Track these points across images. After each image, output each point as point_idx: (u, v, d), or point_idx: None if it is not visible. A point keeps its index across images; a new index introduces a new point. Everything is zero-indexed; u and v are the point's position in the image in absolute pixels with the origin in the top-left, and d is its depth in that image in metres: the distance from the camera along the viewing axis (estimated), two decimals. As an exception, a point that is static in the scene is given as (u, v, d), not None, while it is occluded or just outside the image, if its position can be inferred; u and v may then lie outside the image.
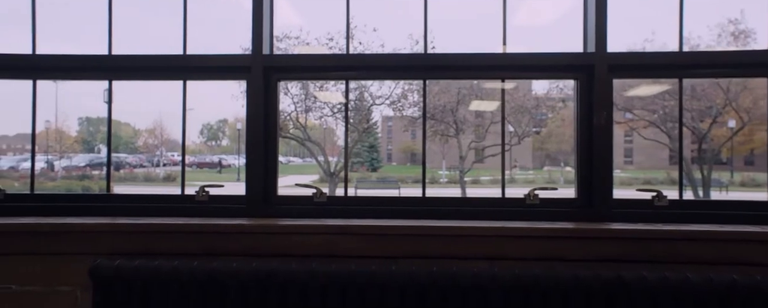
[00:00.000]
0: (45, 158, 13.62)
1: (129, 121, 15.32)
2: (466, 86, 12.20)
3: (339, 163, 10.89)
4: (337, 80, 2.05)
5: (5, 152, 6.68)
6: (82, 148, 15.36)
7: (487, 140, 13.38)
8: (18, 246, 1.81)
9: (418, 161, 18.76)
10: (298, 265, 1.67)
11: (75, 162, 14.52)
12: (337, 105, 10.48)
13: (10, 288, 1.83)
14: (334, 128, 14.06)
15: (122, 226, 1.80)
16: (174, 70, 1.99)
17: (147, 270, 1.67)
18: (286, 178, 3.09)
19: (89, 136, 16.73)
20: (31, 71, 2.01)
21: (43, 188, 9.33)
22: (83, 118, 15.81)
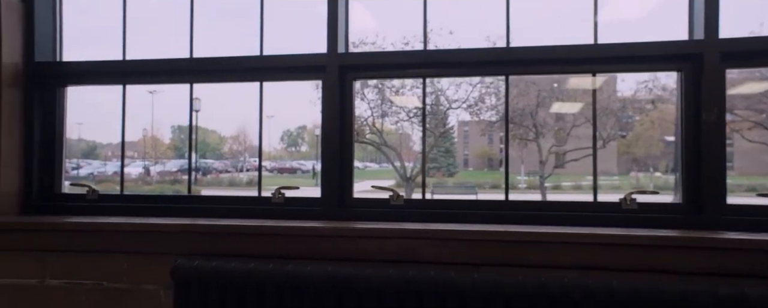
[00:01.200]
0: (142, 164, 14.69)
1: (215, 128, 16.13)
2: (545, 88, 11.75)
3: (415, 168, 10.81)
4: (415, 78, 1.98)
5: (111, 158, 7.21)
6: (174, 154, 16.27)
7: (568, 144, 12.81)
8: (109, 244, 1.87)
9: (495, 166, 18.31)
10: (374, 270, 1.60)
11: (168, 167, 15.54)
12: (412, 109, 10.43)
13: (102, 284, 1.89)
14: (409, 133, 14.02)
15: (200, 227, 1.81)
16: (251, 71, 1.99)
17: (224, 272, 1.66)
18: (363, 183, 3.15)
19: (181, 143, 17.62)
20: (121, 77, 2.09)
21: (140, 191, 9.96)
22: (175, 126, 16.50)
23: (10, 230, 1.93)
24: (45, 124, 2.10)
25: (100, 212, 2.03)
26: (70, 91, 2.13)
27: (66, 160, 2.32)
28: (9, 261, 1.93)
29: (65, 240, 1.89)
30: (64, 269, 1.91)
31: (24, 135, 2.06)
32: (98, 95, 1.98)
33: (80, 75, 2.10)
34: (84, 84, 2.13)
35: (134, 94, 2.19)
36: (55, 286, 1.91)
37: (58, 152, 2.12)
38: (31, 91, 2.06)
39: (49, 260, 1.92)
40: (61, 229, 1.89)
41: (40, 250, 1.91)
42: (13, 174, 2.03)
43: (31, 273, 1.92)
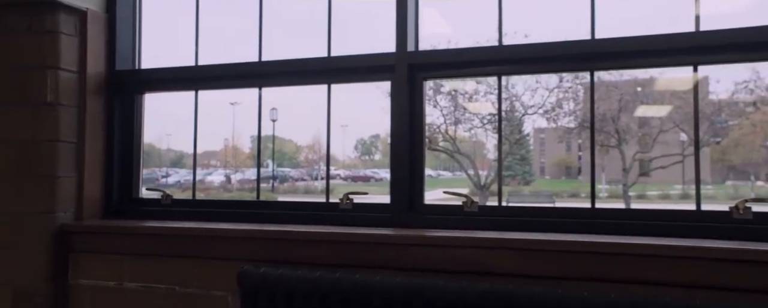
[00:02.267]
0: (223, 172, 15.48)
1: (291, 138, 16.67)
2: (628, 91, 11.10)
3: (489, 176, 10.52)
4: (489, 76, 1.86)
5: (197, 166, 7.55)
6: (253, 163, 16.86)
7: (654, 151, 11.98)
8: (180, 248, 1.88)
9: (573, 174, 17.48)
10: (446, 282, 1.48)
11: (247, 176, 16.28)
12: (486, 116, 10.17)
13: (174, 289, 1.90)
14: (483, 141, 13.70)
15: (267, 233, 1.77)
16: (318, 73, 1.94)
17: (290, 279, 1.61)
18: (436, 192, 3.06)
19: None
20: (193, 82, 2.11)
21: (219, 198, 10.38)
22: (254, 136, 16.99)
23: (93, 232, 1.99)
24: (124, 130, 2.16)
25: (174, 216, 2.06)
26: (158, 103, 2.18)
27: (156, 169, 2.37)
28: (91, 262, 1.99)
29: (141, 243, 1.92)
30: (140, 272, 1.94)
31: (105, 142, 2.12)
32: (184, 108, 2.03)
33: (156, 82, 2.15)
34: (160, 91, 2.18)
35: (216, 105, 2.22)
36: (132, 289, 1.94)
37: (136, 158, 2.18)
38: (112, 99, 2.13)
39: (127, 263, 1.95)
40: (135, 233, 1.92)
41: (119, 253, 1.96)
42: (96, 180, 2.10)
43: (110, 275, 1.97)
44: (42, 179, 1.95)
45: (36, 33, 1.97)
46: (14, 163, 1.98)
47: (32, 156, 1.96)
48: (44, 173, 1.95)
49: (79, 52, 2.03)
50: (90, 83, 2.06)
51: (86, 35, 2.04)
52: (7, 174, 1.98)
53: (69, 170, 2.00)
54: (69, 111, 2.00)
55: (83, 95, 2.04)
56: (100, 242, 1.97)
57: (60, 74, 1.97)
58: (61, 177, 1.97)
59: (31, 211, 1.95)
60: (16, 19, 1.99)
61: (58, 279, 1.98)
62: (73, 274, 2.01)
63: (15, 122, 1.98)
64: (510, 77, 8.79)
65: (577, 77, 10.04)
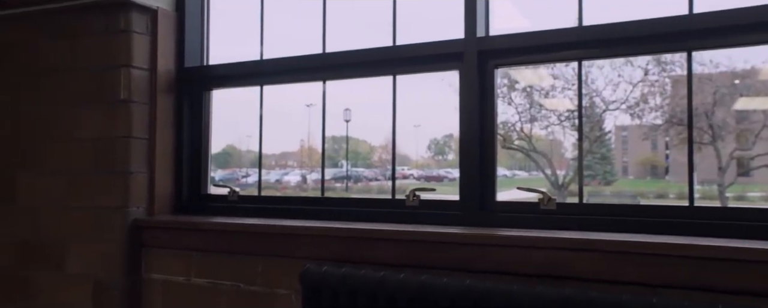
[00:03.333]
0: (300, 172, 16.22)
1: (365, 138, 16.87)
2: (725, 83, 10.21)
3: (568, 176, 10.02)
4: (568, 61, 1.71)
5: (273, 167, 7.76)
6: (328, 163, 17.25)
7: (756, 148, 10.94)
8: (244, 245, 1.86)
9: (660, 174, 16.35)
10: (521, 286, 1.35)
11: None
12: (564, 113, 9.70)
13: (238, 286, 1.88)
14: (561, 139, 13.09)
15: (330, 230, 1.71)
16: (383, 63, 1.86)
17: (353, 279, 1.53)
18: (511, 192, 2.85)
19: (334, 153, 18.53)
20: (258, 77, 2.09)
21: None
22: (329, 137, 17.49)
23: (163, 228, 2.02)
24: (192, 127, 2.18)
25: (240, 213, 2.04)
26: (237, 105, 2.18)
27: (237, 169, 2.39)
28: (162, 257, 2.02)
29: (207, 239, 1.92)
30: (207, 268, 1.93)
31: (175, 139, 2.15)
32: (264, 110, 2.04)
33: (222, 78, 2.15)
34: (226, 87, 2.18)
35: (292, 107, 2.21)
36: (198, 284, 1.95)
37: (204, 154, 2.19)
38: (181, 96, 2.15)
39: (195, 258, 1.96)
40: (201, 229, 1.92)
41: (187, 249, 1.97)
42: (167, 176, 2.12)
43: (179, 271, 1.98)
44: (116, 176, 2.00)
45: (111, 33, 2.02)
46: (92, 159, 2.04)
47: (107, 153, 2.01)
48: (118, 169, 1.99)
49: (151, 51, 2.07)
50: (160, 80, 2.09)
51: (157, 34, 2.08)
52: (85, 170, 2.05)
53: (141, 166, 2.04)
54: (141, 108, 2.04)
55: (154, 92, 2.07)
56: (170, 237, 2.00)
57: (133, 72, 2.01)
58: (133, 173, 2.01)
59: (107, 206, 2.01)
60: (92, 21, 2.06)
61: (133, 273, 2.02)
62: (146, 268, 2.04)
63: (92, 120, 2.04)
64: (590, 72, 8.25)
65: (665, 69, 9.36)
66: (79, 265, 2.05)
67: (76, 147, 2.07)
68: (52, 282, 2.11)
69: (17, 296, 2.19)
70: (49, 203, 2.12)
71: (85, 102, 2.06)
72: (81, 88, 2.07)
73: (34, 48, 2.18)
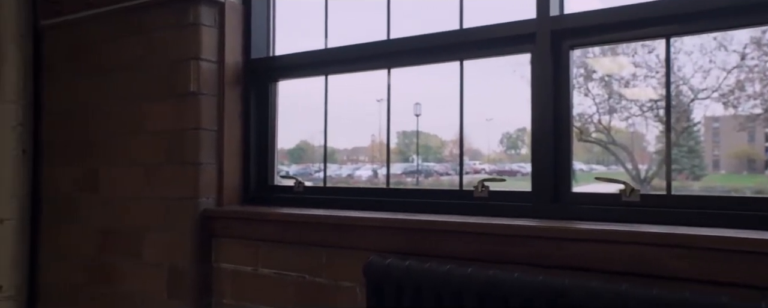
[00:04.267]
0: (371, 167, 16.50)
1: (436, 133, 16.85)
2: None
3: (651, 170, 9.44)
4: (653, 39, 1.54)
5: (345, 162, 7.94)
6: (399, 158, 17.50)
7: None
8: (309, 236, 1.84)
9: (758, 168, 15.08)
10: (601, 284, 1.23)
11: (393, 170, 17.22)
12: (646, 103, 9.14)
13: (304, 277, 1.87)
14: (643, 132, 12.36)
15: (394, 221, 1.65)
16: (450, 48, 1.77)
17: (418, 272, 1.46)
18: (588, 186, 2.65)
19: (405, 147, 18.84)
20: (323, 66, 2.07)
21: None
22: (400, 132, 17.77)
23: (231, 218, 2.04)
24: (260, 119, 2.19)
25: (306, 204, 2.03)
26: (309, 101, 2.17)
27: (310, 164, 2.40)
28: (231, 247, 2.04)
29: (273, 230, 1.92)
30: (273, 259, 1.94)
31: (242, 130, 2.17)
32: (335, 104, 2.04)
33: (288, 69, 2.15)
34: (291, 78, 2.18)
35: (363, 102, 2.20)
36: (265, 275, 1.95)
37: (271, 146, 2.20)
38: (248, 87, 2.17)
39: (261, 249, 1.97)
40: (266, 219, 1.93)
41: (255, 239, 1.98)
42: (235, 167, 2.15)
43: (247, 260, 2.00)
44: (187, 167, 2.04)
45: (181, 27, 2.06)
46: (165, 151, 2.10)
47: (178, 145, 2.06)
48: (189, 160, 2.04)
49: (218, 43, 2.10)
50: (228, 72, 2.11)
51: (224, 26, 2.10)
52: (159, 162, 2.12)
53: (210, 157, 2.07)
54: (210, 100, 2.07)
55: (222, 84, 2.10)
56: (238, 227, 2.02)
57: (201, 65, 2.04)
58: (203, 164, 2.04)
59: (179, 196, 2.06)
60: (164, 16, 2.11)
61: (204, 262, 2.06)
62: (216, 257, 2.07)
63: (164, 113, 2.10)
64: (676, 59, 7.71)
65: (767, 53, 8.58)
66: (155, 253, 2.12)
67: (150, 140, 2.14)
68: (131, 269, 2.20)
69: (101, 281, 2.30)
70: (127, 193, 2.21)
71: (158, 96, 2.12)
72: (154, 82, 2.13)
73: (114, 45, 2.28)
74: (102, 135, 2.30)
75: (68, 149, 2.44)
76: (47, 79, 2.53)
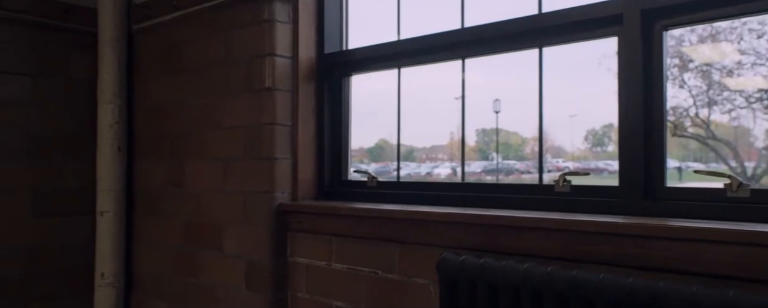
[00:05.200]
0: (449, 165, 16.51)
1: (517, 130, 16.46)
2: None
3: (759, 168, 8.58)
4: (763, 14, 1.35)
5: (424, 161, 7.99)
6: (478, 156, 17.38)
7: None
8: (382, 231, 1.81)
9: None
10: (701, 289, 1.09)
11: (472, 169, 17.07)
12: (754, 94, 8.31)
13: (376, 273, 1.84)
14: (749, 126, 11.28)
15: (470, 217, 1.57)
16: (528, 35, 1.67)
17: (493, 270, 1.38)
18: (684, 184, 2.41)
19: (484, 145, 18.59)
20: (396, 59, 2.03)
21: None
22: (479, 129, 17.65)
23: (305, 212, 2.05)
24: (333, 114, 2.19)
25: (379, 199, 2.01)
26: (387, 100, 2.16)
27: (389, 162, 2.40)
28: (305, 241, 2.06)
29: (346, 225, 1.91)
30: (346, 254, 1.92)
31: (316, 125, 2.18)
32: (412, 103, 2.01)
33: (361, 62, 2.13)
34: (364, 71, 2.16)
35: (441, 100, 2.16)
36: (338, 270, 1.95)
37: (345, 140, 2.19)
38: (321, 82, 2.18)
39: (335, 243, 1.96)
40: (339, 214, 1.91)
41: (328, 234, 1.98)
42: (309, 162, 2.16)
43: (321, 255, 2.00)
44: (263, 162, 2.08)
45: (256, 24, 2.10)
46: (242, 146, 2.15)
47: (255, 139, 2.10)
48: (264, 155, 2.07)
49: (292, 39, 2.12)
50: (302, 67, 2.13)
51: (298, 22, 2.12)
52: (237, 157, 2.17)
53: (285, 152, 2.09)
54: (284, 96, 2.10)
55: (296, 79, 2.11)
56: (312, 222, 2.02)
57: (276, 61, 2.07)
58: (278, 159, 2.07)
59: (256, 190, 2.10)
60: (242, 14, 2.16)
61: (279, 256, 2.09)
62: (291, 252, 2.10)
63: (241, 109, 2.15)
64: (788, 43, 6.94)
65: None
66: (234, 246, 2.18)
67: (228, 135, 2.20)
68: (213, 261, 2.27)
69: (187, 272, 2.40)
70: (208, 187, 2.29)
71: (235, 92, 2.17)
72: (232, 79, 2.19)
73: (196, 45, 2.37)
74: (186, 131, 2.41)
75: (157, 145, 2.58)
76: (138, 79, 2.69)
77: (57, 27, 2.60)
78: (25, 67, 2.53)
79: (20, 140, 2.52)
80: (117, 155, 2.63)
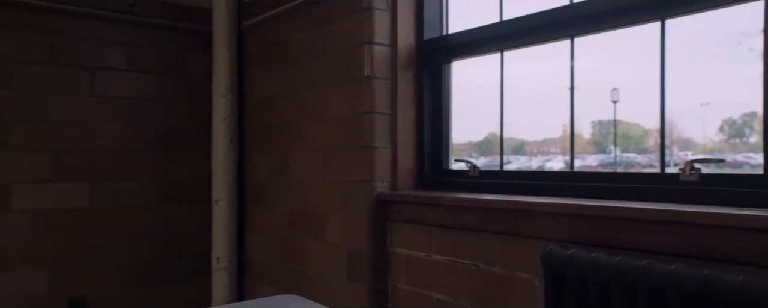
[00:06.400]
0: (562, 159, 15.71)
1: (638, 121, 15.26)
2: None
3: None
4: None
5: (535, 154, 7.74)
6: (594, 149, 16.54)
7: None
8: (483, 222, 1.73)
9: None
10: None
11: (588, 162, 16.05)
12: None
13: (477, 265, 1.76)
14: None
15: (580, 208, 1.44)
16: (647, 6, 1.49)
17: (605, 267, 1.25)
18: None
19: (601, 138, 17.57)
20: (498, 41, 1.92)
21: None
22: (595, 121, 16.79)
23: (405, 202, 2.02)
24: (433, 101, 2.13)
25: (481, 189, 1.92)
26: (494, 92, 2.08)
27: (497, 156, 2.33)
28: (405, 232, 2.02)
29: (446, 215, 1.84)
30: (446, 245, 1.86)
31: (416, 113, 2.13)
32: (522, 94, 1.92)
33: (462, 47, 2.04)
34: (465, 56, 2.07)
35: (553, 90, 2.05)
36: (438, 262, 1.89)
37: (445, 129, 2.12)
38: (421, 69, 2.12)
39: (434, 234, 1.91)
40: (439, 203, 1.85)
41: (428, 224, 1.93)
42: (409, 152, 2.12)
43: (421, 246, 1.96)
44: (362, 151, 2.07)
45: (355, 12, 2.10)
46: (342, 135, 2.17)
47: (354, 129, 2.10)
48: (364, 144, 2.06)
49: (391, 26, 2.08)
50: (401, 54, 2.09)
51: (396, 9, 2.08)
52: (337, 146, 2.19)
53: (384, 141, 2.07)
54: (383, 84, 2.07)
55: (395, 67, 2.08)
56: (412, 212, 1.98)
57: (375, 49, 2.05)
58: (378, 148, 2.05)
59: (356, 180, 2.10)
60: (341, 4, 2.17)
61: (379, 246, 2.08)
62: (391, 242, 2.07)
63: (341, 98, 2.17)
64: None
65: None
66: (336, 235, 2.21)
67: (329, 124, 2.23)
68: (316, 250, 2.32)
69: (293, 260, 2.48)
70: (310, 177, 2.34)
71: (336, 81, 2.19)
72: (332, 68, 2.21)
73: (299, 37, 2.43)
74: (290, 122, 2.48)
75: (264, 137, 2.69)
76: (248, 74, 2.82)
77: (179, 28, 2.80)
78: (154, 66, 2.76)
79: (149, 133, 2.75)
80: (229, 146, 2.78)
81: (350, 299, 2.12)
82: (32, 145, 2.47)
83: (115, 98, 2.66)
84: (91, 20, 2.58)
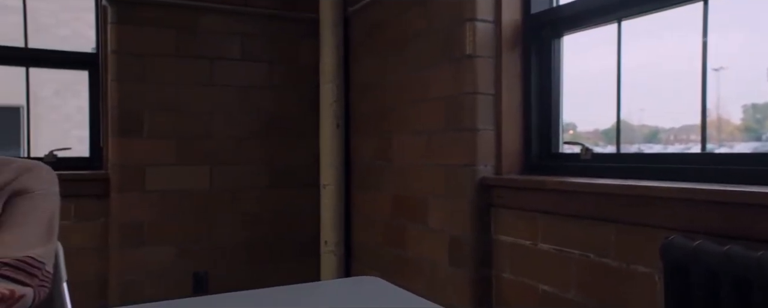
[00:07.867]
0: (708, 147, 14.29)
1: (801, 105, 13.48)
2: None
3: None
4: None
5: (672, 142, 7.15)
6: (745, 136, 14.90)
7: None
8: (596, 209, 1.57)
9: None
10: None
11: (736, 150, 14.19)
12: None
13: (588, 256, 1.62)
14: None
15: (707, 193, 1.25)
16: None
17: (740, 261, 1.07)
18: None
19: (755, 123, 15.80)
20: (614, 10, 1.73)
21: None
22: (748, 105, 15.16)
23: (510, 187, 1.91)
24: (542, 80, 1.98)
25: (594, 173, 1.75)
26: (628, 77, 1.91)
27: (628, 144, 2.17)
28: (510, 218, 1.92)
29: (554, 201, 1.71)
30: (554, 233, 1.73)
31: (523, 93, 2.00)
32: (659, 77, 1.74)
33: (573, 18, 1.87)
34: (577, 29, 1.90)
35: (694, 75, 1.86)
36: (545, 251, 1.76)
37: (555, 110, 1.97)
38: (528, 46, 1.99)
39: (541, 221, 1.79)
40: (546, 188, 1.72)
41: (534, 210, 1.81)
42: (514, 133, 2.01)
43: (526, 234, 1.84)
44: (464, 133, 1.99)
45: (456, -10, 2.01)
46: (443, 118, 2.10)
47: (455, 110, 2.02)
48: (465, 126, 1.98)
49: (495, 1, 1.97)
50: (505, 31, 1.97)
51: (501, -18, 1.96)
52: (438, 129, 2.13)
53: (487, 122, 1.97)
54: (486, 63, 1.97)
55: (499, 45, 1.97)
56: (517, 197, 1.87)
57: (477, 26, 1.95)
58: (480, 130, 1.96)
59: (457, 163, 2.02)
60: (442, -19, 2.10)
61: (483, 233, 1.99)
62: (495, 229, 1.98)
63: (442, 79, 2.09)
64: None
65: None
66: (438, 220, 2.15)
67: (430, 107, 2.17)
68: (418, 235, 2.28)
69: (396, 244, 2.47)
70: (412, 161, 2.30)
71: (436, 62, 2.12)
72: (433, 48, 2.15)
73: (399, 20, 2.39)
74: (392, 106, 2.45)
75: (367, 121, 2.69)
76: (353, 59, 2.84)
77: (287, 17, 2.89)
78: (264, 55, 2.88)
79: (260, 119, 2.88)
80: (336, 131, 2.83)
81: (452, 286, 2.06)
82: (162, 131, 2.69)
83: (231, 87, 2.81)
84: (212, 14, 2.75)
